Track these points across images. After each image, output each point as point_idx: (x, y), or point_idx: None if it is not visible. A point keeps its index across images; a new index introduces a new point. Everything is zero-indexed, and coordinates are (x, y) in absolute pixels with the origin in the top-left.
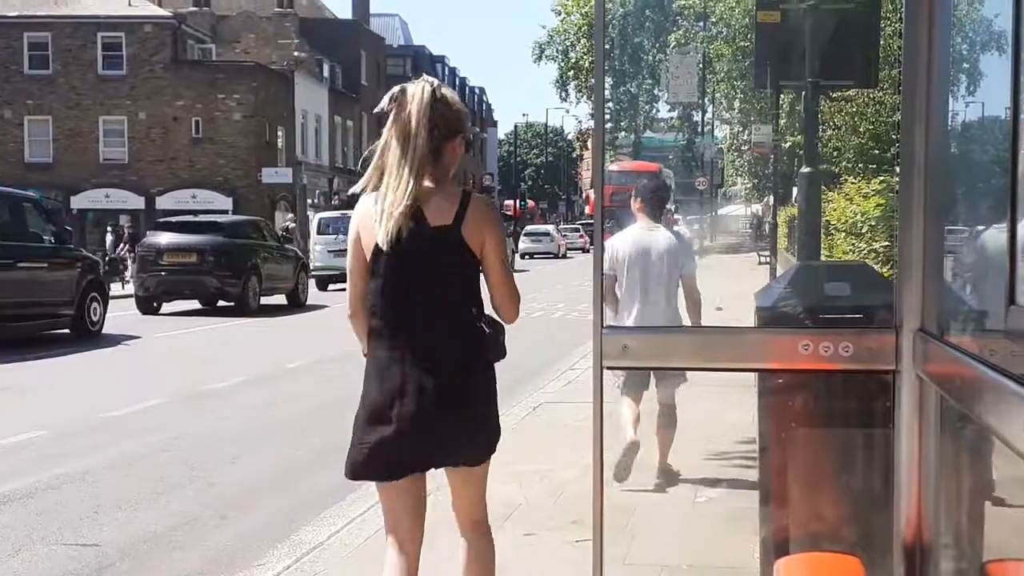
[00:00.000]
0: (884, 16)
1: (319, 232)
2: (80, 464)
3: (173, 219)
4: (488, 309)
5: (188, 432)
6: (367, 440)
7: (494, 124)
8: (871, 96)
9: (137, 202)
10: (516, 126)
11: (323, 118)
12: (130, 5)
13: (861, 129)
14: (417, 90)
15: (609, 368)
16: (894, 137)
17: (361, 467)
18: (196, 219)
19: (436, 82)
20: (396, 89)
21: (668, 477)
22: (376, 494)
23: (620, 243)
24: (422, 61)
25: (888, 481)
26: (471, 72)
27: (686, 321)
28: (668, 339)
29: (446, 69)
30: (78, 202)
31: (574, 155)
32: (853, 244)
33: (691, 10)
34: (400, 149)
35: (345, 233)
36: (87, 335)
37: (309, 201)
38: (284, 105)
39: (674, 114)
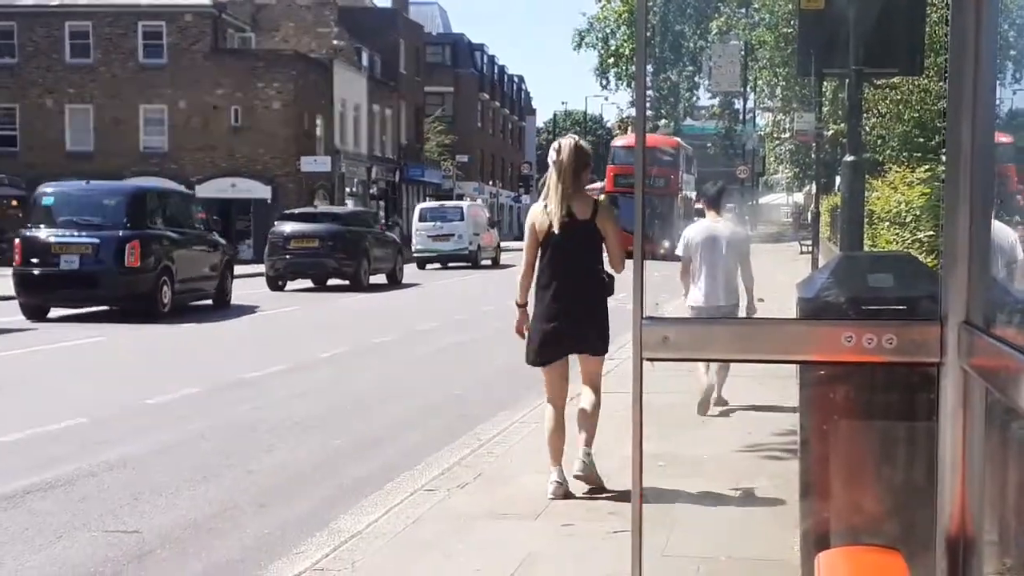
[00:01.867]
0: (930, 2)
1: (420, 220)
2: (130, 449)
3: (296, 210)
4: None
5: (272, 403)
6: (541, 342)
7: (533, 112)
8: (916, 84)
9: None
10: (555, 114)
11: (362, 107)
12: None
13: (906, 117)
14: (567, 142)
15: (649, 360)
16: (939, 125)
17: (537, 357)
18: (316, 210)
19: (576, 137)
20: (556, 143)
21: (723, 407)
22: (402, 489)
23: (693, 232)
24: (461, 49)
25: (931, 475)
26: (510, 60)
27: (743, 295)
28: (709, 330)
29: (485, 57)
30: None
31: None
32: (897, 234)
33: None
34: (557, 176)
35: (441, 221)
36: (224, 305)
37: (347, 190)
38: (323, 94)
39: (715, 102)
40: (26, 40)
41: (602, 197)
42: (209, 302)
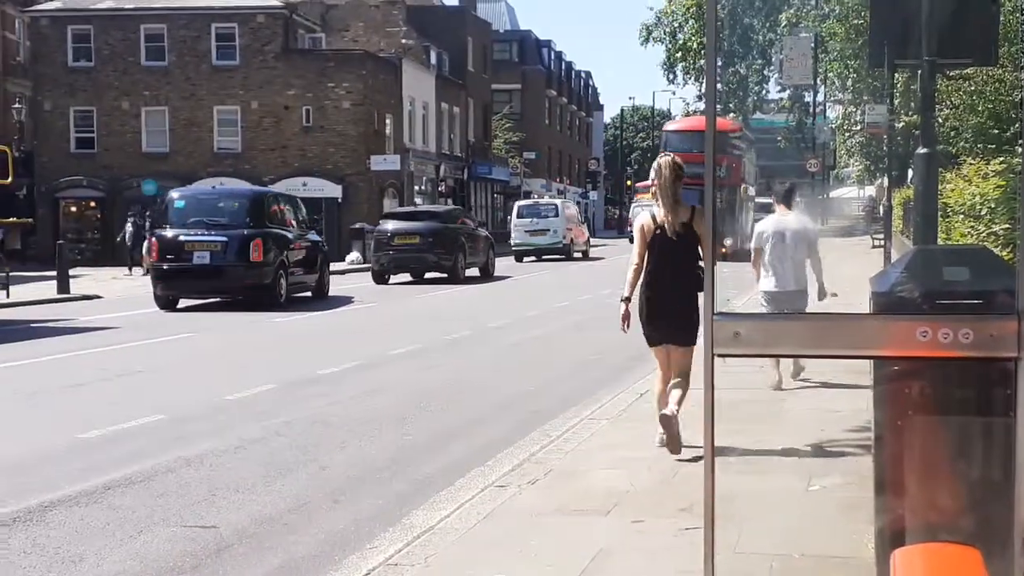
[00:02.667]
0: None
1: (518, 216)
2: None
3: (398, 209)
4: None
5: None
6: (650, 329)
7: (600, 108)
8: (990, 74)
9: None
10: (622, 109)
11: (430, 105)
12: None
13: (980, 108)
14: (665, 160)
15: (721, 356)
16: (1014, 116)
17: (649, 341)
18: (417, 208)
19: (672, 155)
20: (656, 163)
21: (798, 371)
22: (473, 485)
23: (765, 226)
24: (528, 46)
25: (1008, 471)
26: (577, 56)
27: (812, 284)
28: (781, 325)
29: (552, 53)
30: None
31: None
32: (972, 227)
33: None
34: (660, 189)
35: (537, 217)
36: (322, 296)
37: (416, 188)
38: (392, 92)
39: (785, 95)
40: (102, 44)
41: (652, 191)
42: (308, 294)
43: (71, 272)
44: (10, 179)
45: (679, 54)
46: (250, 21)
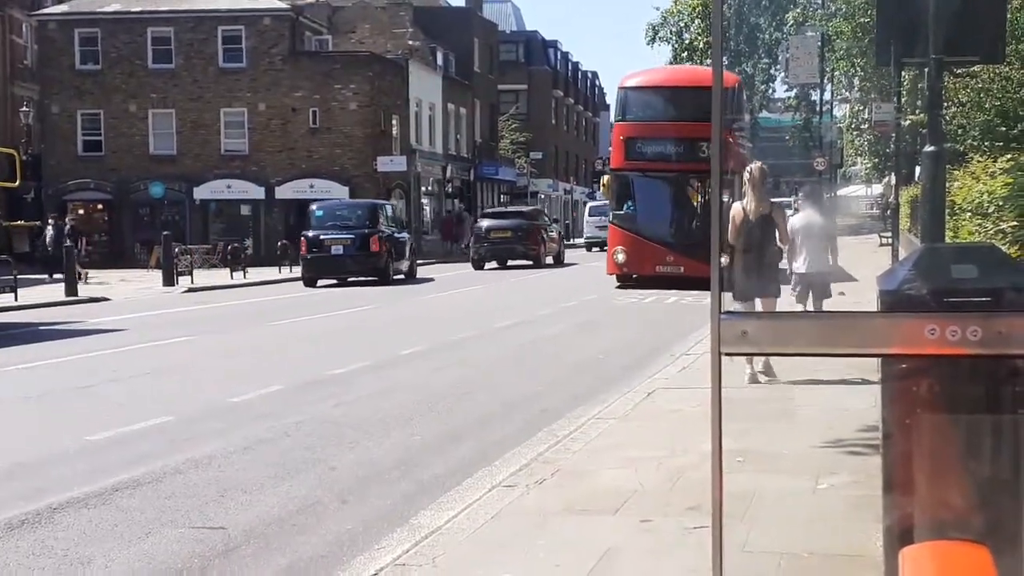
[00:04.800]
0: None
1: (589, 215)
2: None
3: (491, 210)
4: None
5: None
6: (745, 286)
7: (607, 108)
8: (997, 72)
9: (258, 192)
10: None
11: (437, 106)
12: None
13: (987, 106)
14: (756, 165)
15: (728, 355)
16: (1022, 113)
17: (744, 297)
18: (507, 208)
19: (759, 163)
20: (748, 168)
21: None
22: (481, 485)
23: (795, 221)
24: (535, 47)
25: (1016, 468)
26: (584, 56)
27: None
28: (789, 324)
29: (558, 54)
30: (200, 193)
31: None
32: (979, 224)
33: None
34: (751, 187)
35: (604, 216)
36: (412, 277)
37: (423, 188)
38: (398, 94)
39: (791, 94)
40: (109, 47)
41: (604, 179)
42: (403, 276)
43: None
44: (18, 182)
45: (685, 53)
46: (257, 23)
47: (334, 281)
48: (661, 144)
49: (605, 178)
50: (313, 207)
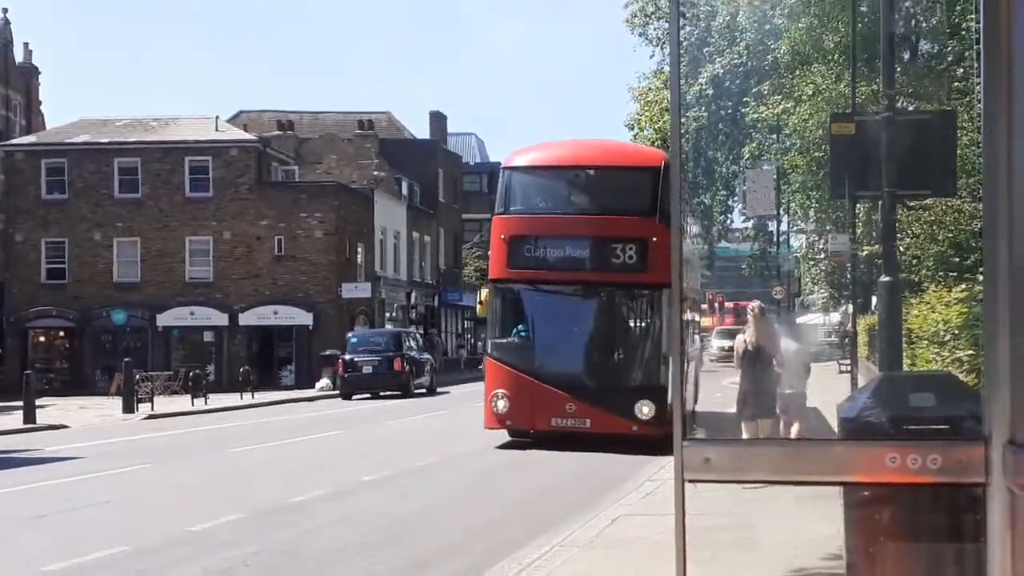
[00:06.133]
0: (960, 125)
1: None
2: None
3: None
4: None
5: None
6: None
7: None
8: (949, 204)
9: (221, 319)
10: None
11: (401, 234)
12: (217, 130)
13: (940, 238)
14: (756, 304)
15: (691, 481)
16: (974, 245)
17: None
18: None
19: (758, 302)
20: (750, 306)
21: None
22: None
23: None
24: (498, 177)
25: None
26: None
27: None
28: (751, 451)
29: None
30: (164, 319)
31: None
32: (936, 353)
33: (764, 123)
34: (754, 321)
35: None
36: (433, 392)
37: (387, 314)
38: (364, 222)
39: (749, 224)
40: (76, 177)
41: (483, 294)
42: (424, 391)
43: (39, 402)
44: None
45: None
46: (224, 155)
47: (367, 395)
48: (560, 245)
49: (483, 292)
50: (349, 335)
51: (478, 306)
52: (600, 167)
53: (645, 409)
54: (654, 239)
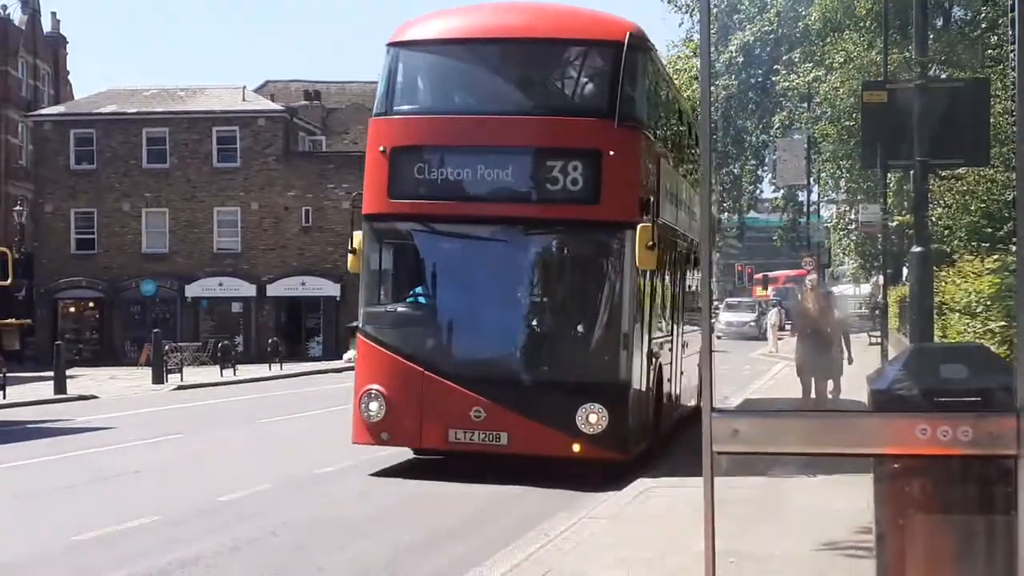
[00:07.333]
0: (993, 93)
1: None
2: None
3: None
4: None
5: None
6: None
7: None
8: (982, 174)
9: (249, 289)
10: None
11: None
12: (244, 100)
13: (972, 208)
14: (812, 278)
15: (720, 453)
16: (1007, 215)
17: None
18: None
19: (814, 275)
20: (806, 280)
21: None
22: None
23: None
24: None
25: (1010, 570)
26: None
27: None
28: (781, 423)
29: None
30: (192, 290)
31: None
32: (968, 324)
33: (795, 91)
34: (812, 292)
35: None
36: None
37: None
38: None
39: (779, 194)
40: (104, 147)
41: (355, 239)
42: None
43: (69, 372)
44: (10, 281)
45: None
46: (251, 124)
47: None
48: (468, 162)
49: (357, 236)
50: None
51: (349, 257)
52: (530, 40)
53: (592, 417)
54: (611, 153)
